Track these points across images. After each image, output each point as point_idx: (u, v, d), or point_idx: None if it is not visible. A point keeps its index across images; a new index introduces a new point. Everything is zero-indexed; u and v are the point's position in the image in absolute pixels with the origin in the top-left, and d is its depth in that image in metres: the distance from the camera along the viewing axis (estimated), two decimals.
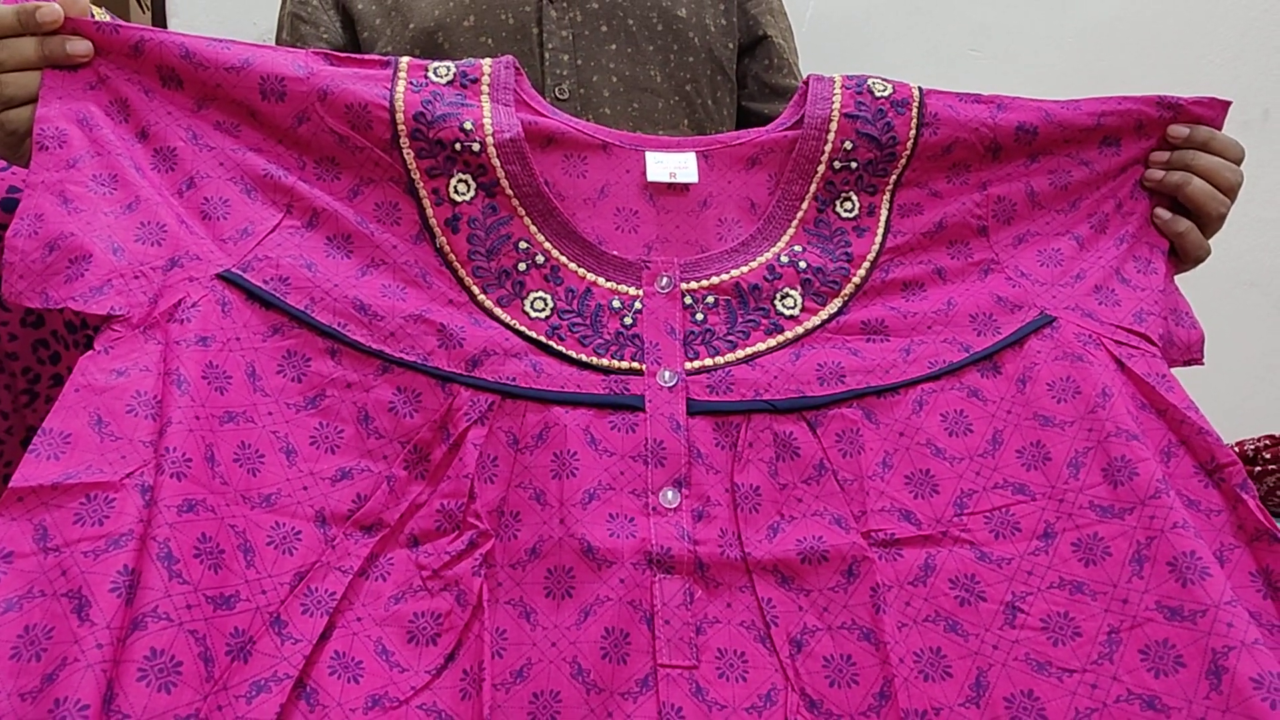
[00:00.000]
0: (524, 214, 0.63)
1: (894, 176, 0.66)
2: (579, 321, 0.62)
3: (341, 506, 0.56)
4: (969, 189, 0.67)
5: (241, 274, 0.58)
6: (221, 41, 0.61)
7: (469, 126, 0.62)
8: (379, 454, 0.58)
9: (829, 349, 0.63)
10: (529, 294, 0.62)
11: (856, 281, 0.65)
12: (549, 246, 0.63)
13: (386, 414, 0.58)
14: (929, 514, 0.59)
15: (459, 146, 0.62)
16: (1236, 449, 0.73)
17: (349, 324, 0.59)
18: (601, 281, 0.64)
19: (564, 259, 0.64)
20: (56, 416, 0.49)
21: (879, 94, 0.66)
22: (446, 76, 0.64)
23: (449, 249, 0.62)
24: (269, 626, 0.50)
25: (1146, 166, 0.69)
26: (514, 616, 0.55)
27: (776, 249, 0.65)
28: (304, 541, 0.53)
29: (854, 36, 1.22)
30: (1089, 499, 0.57)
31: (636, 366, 0.61)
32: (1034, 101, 0.68)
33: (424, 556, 0.56)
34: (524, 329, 0.61)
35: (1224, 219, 0.69)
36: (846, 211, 0.66)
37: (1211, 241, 0.70)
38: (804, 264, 0.65)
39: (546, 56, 0.85)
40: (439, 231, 0.62)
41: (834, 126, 0.66)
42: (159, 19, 1.29)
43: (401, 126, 0.61)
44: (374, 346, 0.59)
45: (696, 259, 0.65)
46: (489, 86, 0.64)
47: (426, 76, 0.63)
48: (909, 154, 0.66)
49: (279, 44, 0.92)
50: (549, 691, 0.52)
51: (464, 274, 0.62)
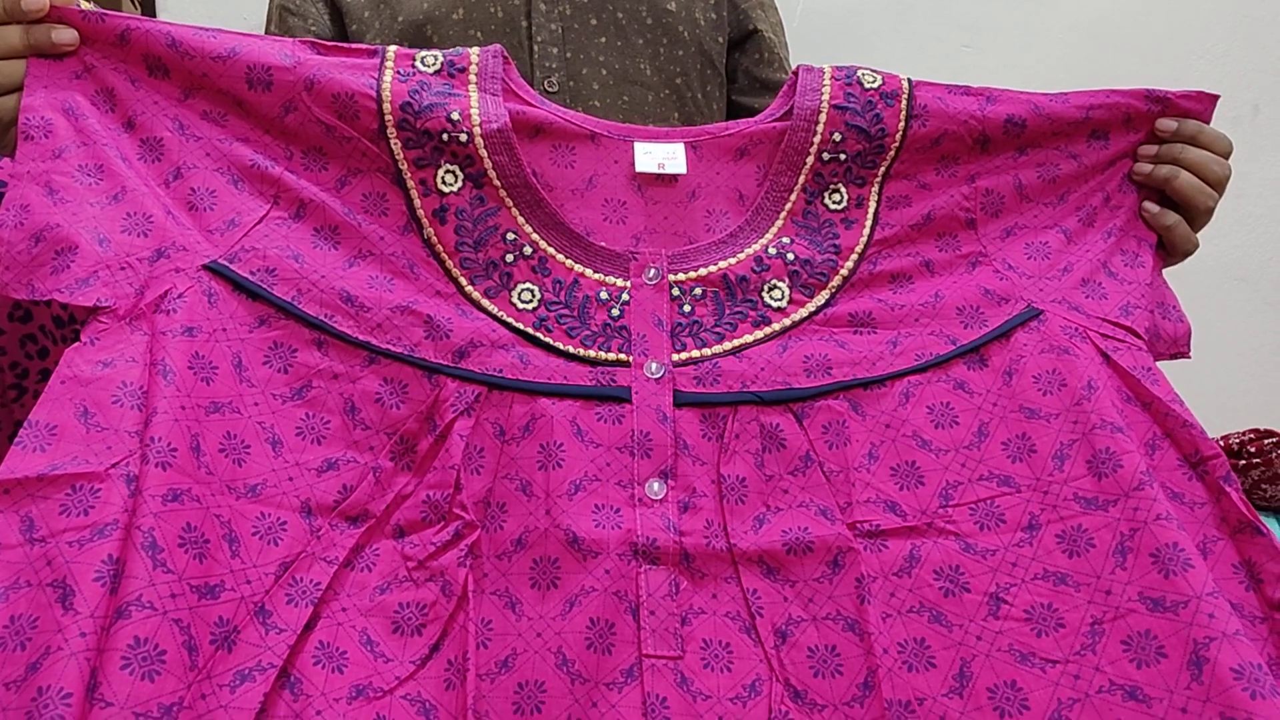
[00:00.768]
0: (511, 205, 0.63)
1: (883, 168, 0.66)
2: (566, 313, 0.62)
3: (327, 497, 0.56)
4: (957, 181, 0.67)
5: (228, 265, 0.58)
6: (208, 31, 0.61)
7: (456, 116, 0.62)
8: (365, 445, 0.58)
9: (816, 341, 0.63)
10: (516, 285, 0.62)
11: (844, 274, 0.65)
12: (536, 238, 0.63)
13: (373, 405, 0.58)
14: (914, 505, 0.59)
15: (446, 137, 0.62)
16: (1221, 443, 0.73)
17: (336, 315, 0.59)
18: (589, 273, 0.64)
19: (551, 250, 0.63)
20: (43, 408, 0.49)
21: (868, 85, 0.66)
22: (434, 66, 0.64)
23: (436, 240, 0.62)
24: (253, 616, 0.50)
25: (1135, 160, 0.69)
26: (499, 607, 0.55)
27: (764, 240, 0.65)
28: (289, 532, 0.53)
29: (844, 32, 1.22)
30: (1073, 491, 0.57)
31: (623, 358, 0.61)
32: (1023, 94, 0.68)
33: (410, 547, 0.56)
34: (511, 320, 0.61)
35: (1212, 212, 0.69)
36: (835, 203, 0.66)
37: (1201, 236, 0.71)
38: (792, 256, 0.65)
39: (536, 49, 0.85)
40: (426, 222, 0.62)
41: (823, 118, 0.66)
42: (148, 12, 1.28)
43: (388, 116, 0.61)
44: (361, 338, 0.59)
45: (684, 250, 0.65)
46: (477, 76, 0.64)
47: (414, 66, 0.63)
48: (898, 146, 0.66)
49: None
50: (534, 682, 0.52)
51: (451, 265, 0.62)
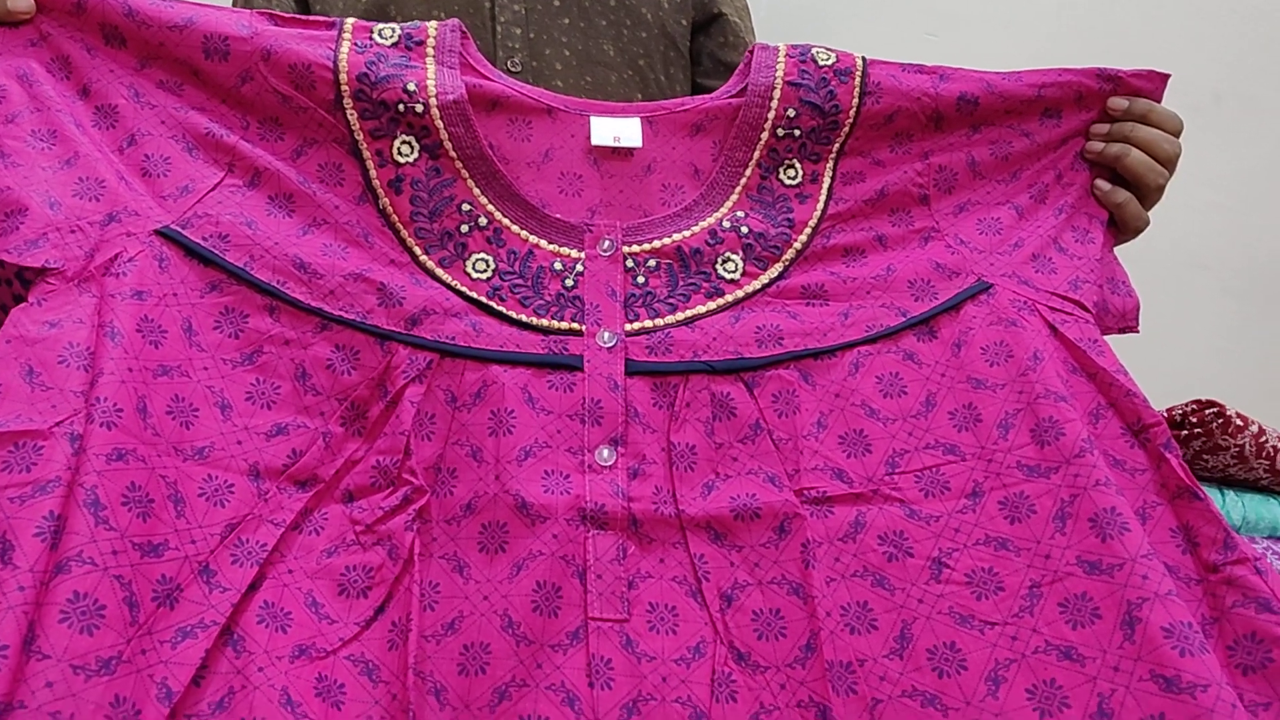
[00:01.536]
0: (467, 176, 0.64)
1: (837, 145, 0.67)
2: (520, 283, 0.63)
3: (276, 461, 0.56)
4: (911, 158, 0.68)
5: (180, 230, 0.58)
6: (166, 0, 0.61)
7: (412, 88, 0.62)
8: (316, 410, 0.58)
9: (768, 312, 0.64)
10: (471, 255, 0.63)
11: (798, 247, 0.66)
12: (492, 209, 0.64)
13: (324, 371, 0.59)
14: (861, 473, 0.59)
15: (402, 108, 0.62)
16: (1165, 414, 0.75)
17: (288, 282, 0.59)
18: (544, 244, 0.64)
19: (506, 221, 0.64)
20: None
21: (822, 63, 0.67)
22: (391, 38, 0.64)
23: (391, 210, 0.62)
24: (197, 575, 0.50)
25: (1087, 138, 0.70)
26: (447, 570, 0.55)
27: (719, 214, 0.66)
28: (236, 494, 0.54)
29: (811, 19, 1.23)
30: (1016, 459, 0.58)
31: (576, 327, 0.62)
32: (976, 72, 0.68)
33: (358, 512, 0.56)
34: (465, 289, 0.62)
35: (1162, 190, 0.70)
36: (790, 179, 0.67)
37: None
38: (746, 229, 0.65)
39: (499, 30, 0.85)
40: (382, 193, 0.62)
41: (777, 94, 0.66)
42: None
43: (345, 87, 0.62)
44: (313, 304, 0.59)
45: (639, 223, 0.65)
46: (434, 49, 0.64)
47: (371, 38, 0.63)
48: (852, 122, 0.67)
49: None
50: (479, 643, 0.52)
51: (406, 235, 0.62)
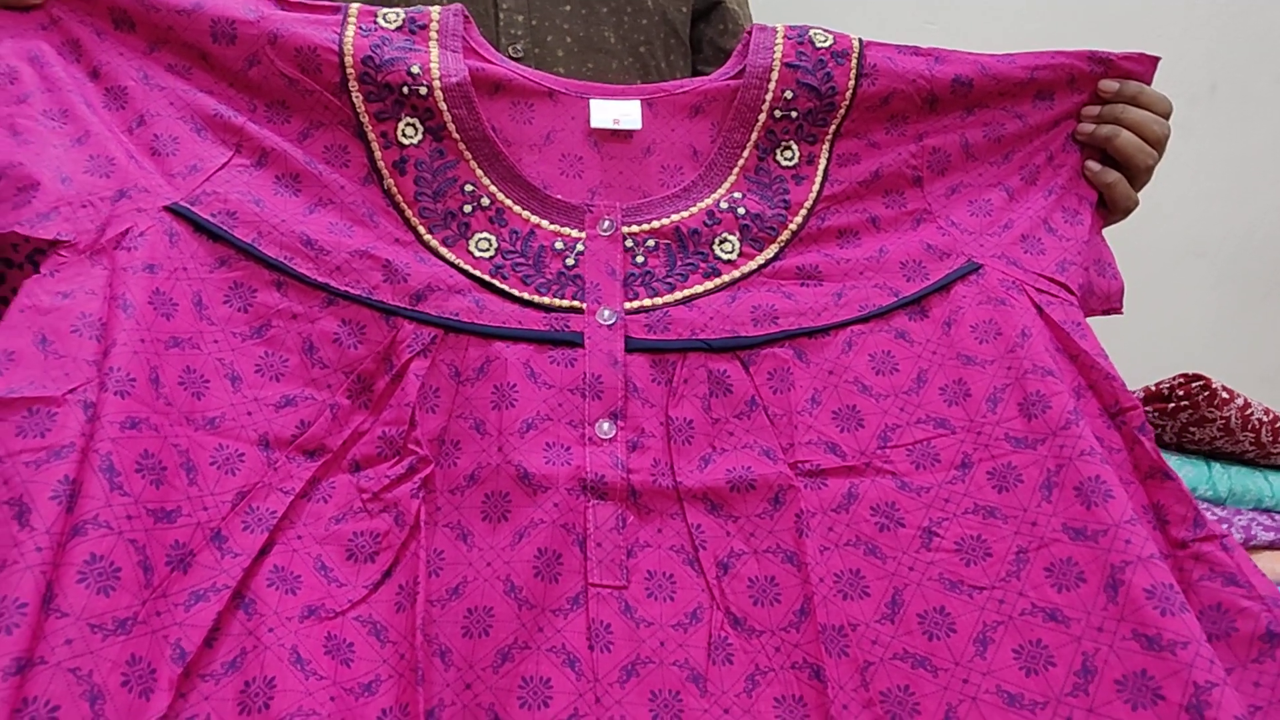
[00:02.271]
0: (470, 158, 0.65)
1: (833, 126, 0.68)
2: (522, 261, 0.64)
3: (285, 431, 0.57)
4: (906, 140, 0.69)
5: (189, 207, 0.59)
6: None
7: (416, 70, 0.64)
8: (323, 383, 0.60)
9: (764, 292, 0.65)
10: (474, 235, 0.64)
11: (793, 228, 0.67)
12: (494, 190, 0.65)
13: (331, 345, 0.60)
14: (854, 447, 0.61)
15: (406, 90, 0.63)
16: (1153, 387, 0.76)
17: (295, 258, 0.61)
18: (545, 224, 0.65)
19: (509, 202, 0.65)
20: (1, 335, 0.51)
21: (820, 45, 0.68)
22: (396, 22, 0.65)
23: (396, 190, 0.64)
24: (209, 541, 0.52)
25: (1078, 120, 0.71)
26: (451, 539, 0.57)
27: (717, 195, 0.67)
28: (247, 463, 0.55)
29: (810, 6, 1.24)
30: (1005, 431, 0.59)
31: (577, 305, 0.63)
32: (970, 55, 0.70)
33: (365, 480, 0.58)
34: (468, 267, 0.63)
35: (1152, 171, 0.72)
36: (787, 160, 0.68)
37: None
38: (743, 210, 0.67)
39: (501, 16, 0.87)
40: (387, 173, 0.64)
41: (775, 76, 0.67)
42: None
43: (350, 70, 0.63)
44: (320, 279, 0.61)
45: (638, 204, 0.67)
46: (438, 33, 0.65)
47: (376, 22, 0.65)
48: (848, 104, 0.68)
49: None
50: (482, 607, 0.54)
51: (410, 214, 0.64)
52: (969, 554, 0.56)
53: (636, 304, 0.64)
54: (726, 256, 0.66)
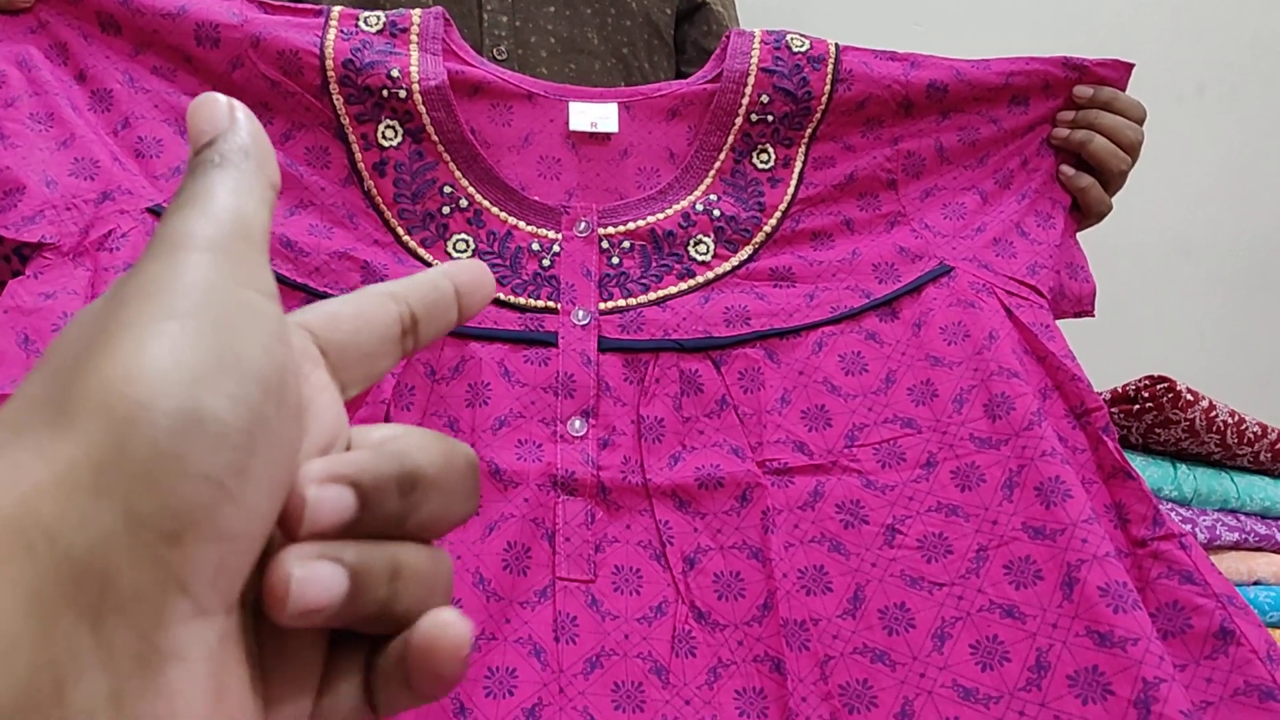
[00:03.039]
0: (449, 159, 0.66)
1: (809, 130, 0.69)
2: (499, 262, 0.65)
3: None
4: (881, 144, 0.70)
5: None
6: None
7: (396, 74, 0.65)
8: None
9: (737, 293, 0.66)
10: (452, 236, 0.65)
11: (768, 230, 0.68)
12: (472, 191, 0.66)
13: None
14: (821, 445, 0.62)
15: (386, 93, 0.65)
16: (1119, 389, 0.77)
17: (275, 259, 0.62)
18: (522, 225, 0.67)
19: (487, 203, 0.66)
20: None
21: (796, 49, 0.69)
22: (376, 26, 0.66)
23: (376, 192, 0.65)
24: None
25: (1053, 125, 0.72)
26: None
27: (693, 197, 0.68)
28: None
29: (797, 8, 1.25)
30: (969, 431, 0.60)
31: (552, 305, 0.64)
32: (946, 60, 0.71)
33: None
34: None
35: (1125, 175, 0.72)
36: (762, 163, 0.69)
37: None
38: (718, 212, 0.68)
39: (485, 18, 0.88)
40: (367, 175, 0.65)
41: (751, 80, 0.68)
42: None
43: (331, 73, 0.64)
44: (298, 280, 0.62)
45: (615, 205, 0.68)
46: (418, 36, 0.67)
47: (357, 26, 0.66)
48: (824, 108, 0.69)
49: None
50: (451, 599, 0.55)
51: (390, 216, 0.65)
52: (930, 551, 0.57)
53: (611, 304, 0.65)
54: (701, 258, 0.67)
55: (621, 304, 0.65)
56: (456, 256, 0.65)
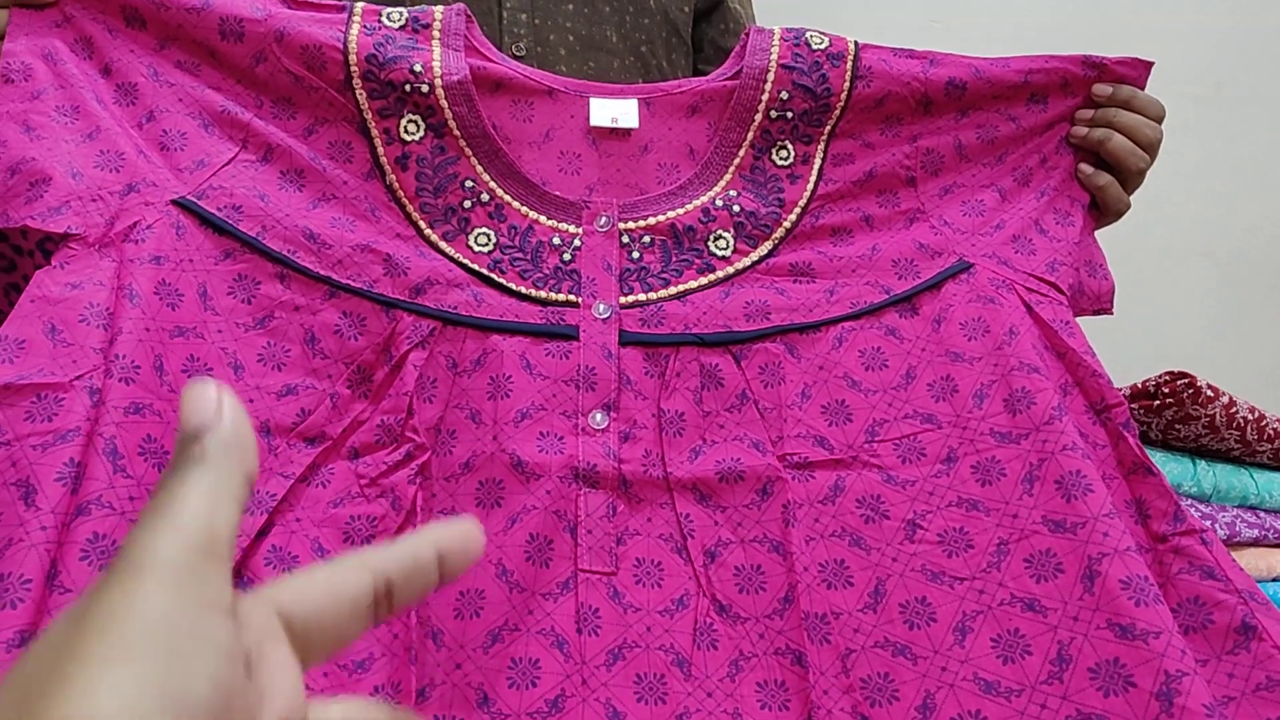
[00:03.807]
0: (470, 154, 0.66)
1: (828, 127, 0.70)
2: (520, 256, 0.65)
3: (286, 419, 0.59)
4: (900, 141, 0.70)
5: (196, 201, 0.61)
6: None
7: (419, 69, 0.65)
8: (324, 373, 0.61)
9: (757, 288, 0.66)
10: (473, 230, 0.66)
11: (787, 226, 0.68)
12: (494, 186, 0.67)
13: (332, 336, 0.62)
14: (842, 440, 0.62)
15: (409, 88, 0.65)
16: (1140, 385, 0.77)
17: (298, 251, 0.62)
18: (543, 219, 0.67)
19: (508, 198, 0.67)
20: (12, 324, 0.52)
21: (816, 47, 0.69)
22: (399, 22, 0.67)
23: (398, 186, 0.65)
24: None
25: (1072, 123, 0.72)
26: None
27: (712, 193, 0.69)
28: None
29: (814, 8, 1.25)
30: (990, 426, 0.60)
31: (573, 299, 0.64)
32: (965, 58, 0.71)
33: (363, 467, 0.59)
34: (467, 262, 0.65)
35: (1144, 174, 0.72)
36: (782, 159, 0.70)
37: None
38: (738, 208, 0.68)
39: (505, 15, 0.88)
40: (389, 169, 0.66)
41: (771, 77, 0.69)
42: None
43: (354, 68, 0.65)
44: (322, 273, 0.62)
45: (635, 200, 0.68)
46: (440, 32, 0.67)
47: (380, 21, 0.66)
48: (843, 105, 0.69)
49: None
50: (474, 590, 0.55)
51: (411, 209, 0.65)
52: (951, 546, 0.57)
53: (631, 299, 0.65)
54: (721, 253, 0.67)
55: (642, 298, 0.65)
56: (478, 250, 0.65)
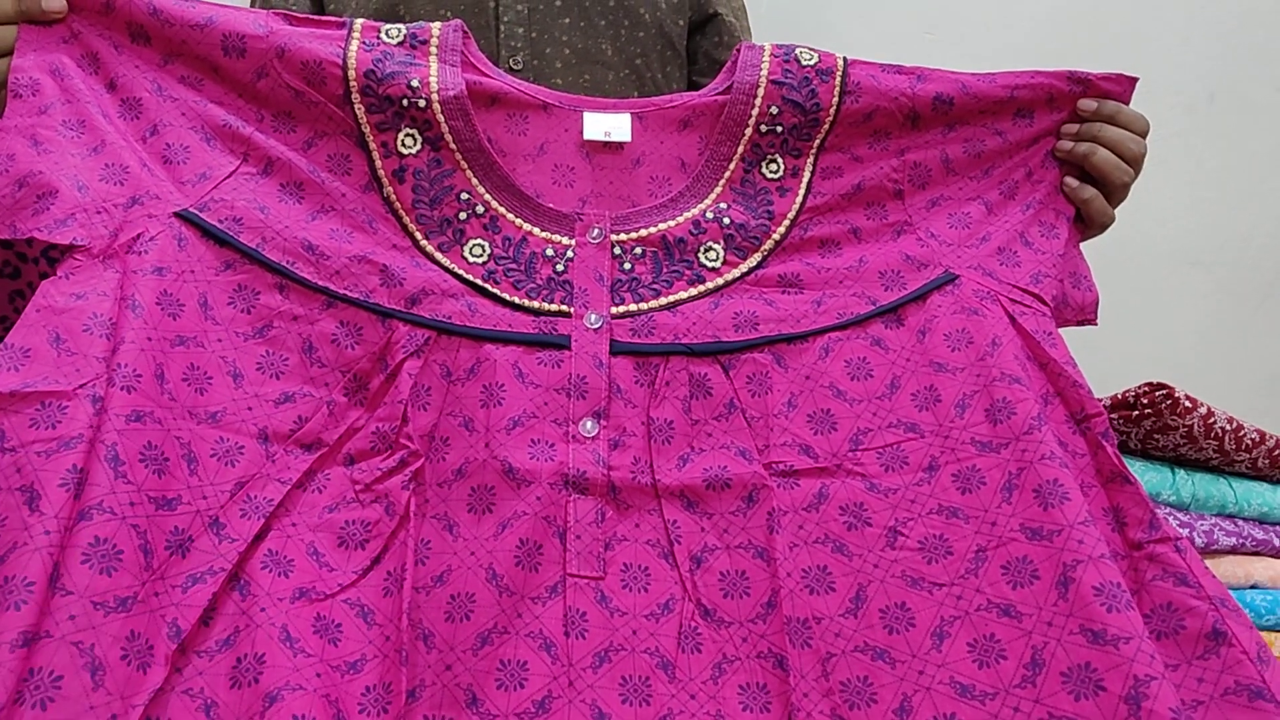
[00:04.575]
0: (466, 167, 0.68)
1: (817, 141, 0.71)
2: (514, 267, 0.67)
3: (283, 426, 0.61)
4: (888, 155, 0.72)
5: (198, 213, 0.63)
6: (188, 1, 0.66)
7: (416, 84, 0.67)
8: (321, 381, 0.63)
9: (746, 299, 0.68)
10: (468, 241, 0.67)
11: (776, 238, 0.70)
12: (489, 198, 0.68)
13: (329, 345, 0.63)
14: (826, 449, 0.64)
15: (406, 102, 0.67)
16: (1119, 395, 0.78)
17: (297, 262, 0.64)
18: (537, 231, 0.68)
19: (502, 210, 0.68)
20: (18, 333, 0.54)
21: (805, 62, 0.71)
22: (397, 38, 0.68)
23: (395, 198, 0.67)
24: (207, 528, 0.55)
25: (1058, 138, 0.73)
26: (438, 529, 0.60)
27: (703, 205, 0.70)
28: (246, 455, 0.58)
29: (809, 19, 1.27)
30: (971, 435, 0.62)
31: (565, 309, 0.66)
32: (952, 74, 0.72)
33: (358, 473, 0.61)
34: (462, 272, 0.66)
35: (1128, 188, 0.74)
36: (771, 173, 0.71)
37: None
38: (728, 220, 0.69)
39: (502, 29, 0.90)
40: (386, 182, 0.67)
41: (761, 92, 0.70)
42: None
43: (353, 83, 0.66)
44: (320, 283, 0.64)
45: (627, 213, 0.70)
46: (437, 48, 0.69)
47: (378, 37, 0.68)
48: (832, 120, 0.70)
49: None
50: (465, 593, 0.57)
51: (408, 221, 0.67)
52: (931, 552, 0.59)
53: (623, 309, 0.67)
54: (711, 264, 0.69)
55: (633, 308, 0.67)
56: (473, 261, 0.67)
